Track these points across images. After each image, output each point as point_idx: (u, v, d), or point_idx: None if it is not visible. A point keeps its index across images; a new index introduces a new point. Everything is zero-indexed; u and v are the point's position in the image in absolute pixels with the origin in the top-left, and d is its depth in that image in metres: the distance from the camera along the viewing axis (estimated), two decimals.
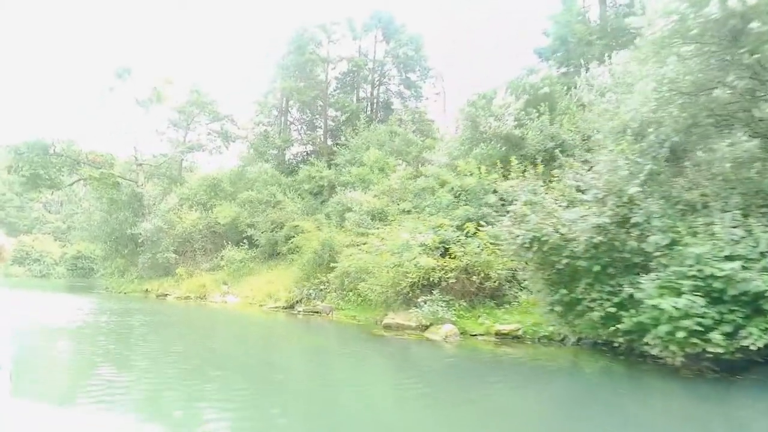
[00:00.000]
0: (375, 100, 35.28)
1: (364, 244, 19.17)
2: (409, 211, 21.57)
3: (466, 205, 16.66)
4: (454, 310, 13.57)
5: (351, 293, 18.24)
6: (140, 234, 28.79)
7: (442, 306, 13.28)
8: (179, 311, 20.50)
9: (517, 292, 14.34)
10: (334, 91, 35.97)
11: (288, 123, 36.31)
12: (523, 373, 9.43)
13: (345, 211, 23.33)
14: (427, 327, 13.29)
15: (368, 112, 34.54)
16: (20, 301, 23.66)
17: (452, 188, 18.52)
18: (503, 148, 18.79)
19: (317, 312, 18.60)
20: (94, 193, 32.39)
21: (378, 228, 19.71)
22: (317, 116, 36.28)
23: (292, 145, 36.30)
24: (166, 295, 26.34)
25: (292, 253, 25.15)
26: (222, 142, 37.92)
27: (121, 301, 23.74)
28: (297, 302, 20.54)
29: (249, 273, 26.11)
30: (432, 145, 26.64)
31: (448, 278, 13.79)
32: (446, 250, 14.88)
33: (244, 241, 26.75)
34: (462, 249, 14.13)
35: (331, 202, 24.91)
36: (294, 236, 25.44)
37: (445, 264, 14.07)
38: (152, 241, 28.44)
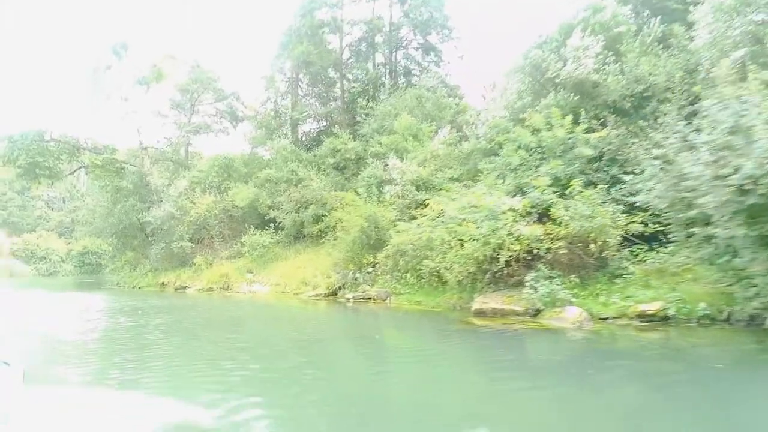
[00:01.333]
0: (394, 66, 31.65)
1: (416, 217, 15.97)
2: (457, 179, 18.35)
3: (551, 161, 13.34)
4: (567, 288, 10.35)
5: (409, 275, 15.01)
6: (150, 223, 25.36)
7: (557, 285, 10.05)
8: (206, 306, 17.23)
9: (624, 263, 11.17)
10: (348, 60, 32.29)
11: (300, 97, 32.63)
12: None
13: (381, 183, 20.03)
14: (537, 312, 10.08)
15: (387, 80, 30.93)
16: (28, 303, 20.39)
17: (520, 146, 15.16)
18: (575, 97, 15.47)
19: (369, 299, 15.38)
20: (98, 182, 28.81)
21: (429, 199, 16.52)
22: (331, 87, 32.63)
23: (305, 121, 32.70)
24: (185, 287, 23.05)
25: (323, 234, 21.90)
26: (229, 122, 34.28)
27: (137, 297, 20.45)
28: (340, 288, 17.31)
29: (274, 259, 22.83)
30: (467, 108, 23.25)
31: (557, 249, 10.54)
32: (543, 215, 11.64)
33: (270, 224, 23.41)
34: (567, 213, 10.86)
35: (363, 175, 21.55)
36: (324, 215, 22.15)
37: (551, 232, 10.82)
38: (164, 230, 25.03)
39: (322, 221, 22.15)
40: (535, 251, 10.76)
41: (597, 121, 14.51)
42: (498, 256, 11.01)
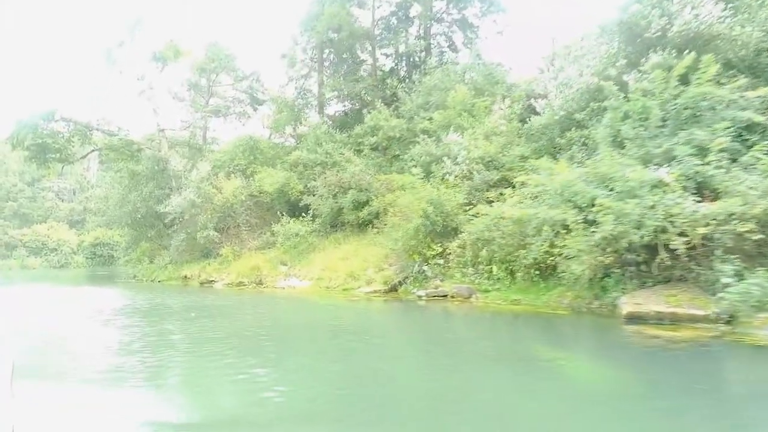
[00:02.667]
0: (428, 42, 28.42)
1: (492, 200, 13.08)
2: (526, 157, 15.39)
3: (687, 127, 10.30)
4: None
5: (495, 267, 12.03)
6: (170, 211, 22.33)
7: (761, 280, 7.07)
8: (245, 306, 14.23)
9: None
10: (378, 35, 29.08)
11: (326, 77, 29.45)
12: None
13: (437, 162, 17.02)
14: (730, 318, 7.12)
15: (423, 56, 27.79)
16: (37, 300, 17.46)
17: (624, 114, 12.12)
18: (690, 53, 12.42)
19: (445, 296, 12.42)
20: (112, 167, 25.75)
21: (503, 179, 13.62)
22: (359, 66, 29.46)
23: (329, 103, 29.60)
24: (212, 281, 20.08)
25: (367, 222, 18.98)
26: (249, 104, 31.17)
27: (159, 293, 17.52)
28: (400, 284, 14.36)
29: (309, 249, 19.86)
30: (527, 80, 20.16)
31: (743, 234, 7.55)
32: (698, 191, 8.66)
33: (302, 212, 20.44)
34: (753, 187, 7.86)
35: (412, 154, 18.54)
36: (367, 201, 19.19)
37: (733, 212, 7.82)
38: (186, 219, 22.05)
39: (366, 208, 19.19)
40: (710, 236, 7.76)
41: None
42: (658, 242, 8.02)
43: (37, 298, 18.29)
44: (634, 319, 7.94)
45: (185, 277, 21.57)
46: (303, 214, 20.39)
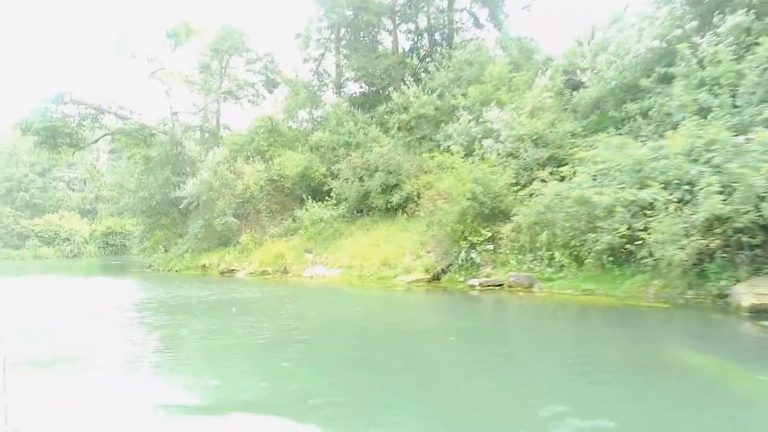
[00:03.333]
0: (450, 18, 26.72)
1: (544, 179, 11.72)
2: (577, 133, 14.01)
3: None
4: None
5: (558, 253, 10.65)
6: (186, 197, 21.02)
7: None
8: (281, 298, 12.86)
9: None
10: (398, 11, 27.37)
11: (344, 55, 27.83)
12: None
13: (475, 140, 15.57)
14: None
15: (444, 33, 26.15)
16: (50, 293, 16.27)
17: (700, 80, 10.64)
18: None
19: (500, 285, 11.07)
20: (124, 152, 24.40)
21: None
22: (377, 45, 27.84)
23: (345, 84, 28.06)
24: (233, 270, 18.84)
25: (398, 206, 17.65)
26: (264, 86, 29.66)
27: (180, 284, 16.29)
28: (443, 272, 13.02)
29: (335, 236, 18.55)
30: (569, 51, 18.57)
31: None
32: None
33: (329, 196, 19.09)
34: None
35: (447, 132, 17.12)
36: (396, 184, 17.84)
37: None
38: (203, 205, 20.71)
39: (395, 191, 17.84)
40: None
41: None
42: None
43: (51, 291, 17.12)
44: (760, 312, 6.56)
45: (204, 266, 20.34)
46: (326, 199, 19.02)
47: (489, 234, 12.27)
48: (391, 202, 18.26)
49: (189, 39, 25.56)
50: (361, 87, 28.65)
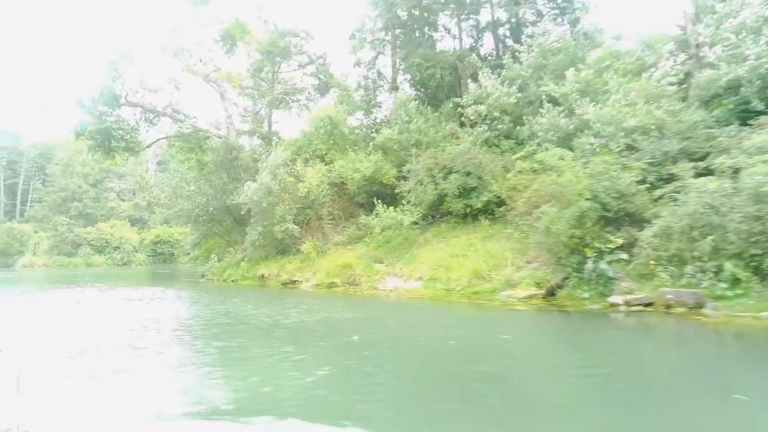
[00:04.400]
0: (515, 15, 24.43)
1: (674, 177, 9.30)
2: (705, 124, 11.48)
3: None
4: None
5: (730, 264, 8.18)
6: (244, 203, 19.36)
7: None
8: (373, 315, 10.81)
9: None
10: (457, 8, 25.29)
11: (402, 57, 25.88)
12: None
13: (566, 136, 13.25)
14: None
15: (514, 23, 23.89)
16: (111, 307, 14.77)
17: None
18: None
19: (648, 304, 8.66)
20: (177, 156, 23.12)
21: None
22: (435, 41, 25.80)
23: (405, 81, 26.06)
24: (295, 281, 17.01)
25: (479, 212, 15.47)
26: (318, 90, 28.05)
27: (244, 297, 14.55)
28: (558, 286, 10.69)
29: (406, 245, 16.51)
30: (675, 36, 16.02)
31: None
32: None
33: (399, 199, 17.07)
34: None
35: (535, 126, 14.85)
36: (475, 187, 15.66)
37: None
38: (262, 210, 19.00)
39: (474, 193, 15.68)
40: None
41: None
42: None
43: (109, 305, 15.68)
44: None
45: (262, 276, 18.60)
46: (401, 204, 17.00)
47: (620, 241, 9.89)
48: (470, 207, 16.13)
49: (243, 39, 24.26)
50: (417, 89, 26.69)
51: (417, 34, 26.29)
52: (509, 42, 23.95)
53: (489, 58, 24.91)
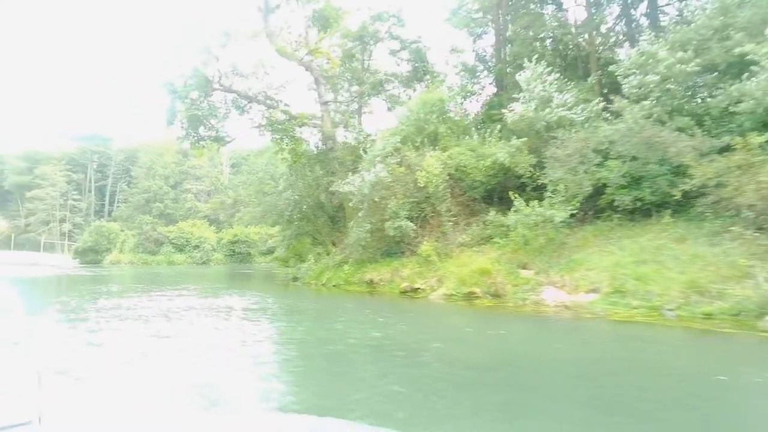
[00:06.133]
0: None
1: None
2: None
3: None
4: None
5: None
6: (351, 195, 16.48)
7: None
8: (638, 355, 7.41)
9: None
10: None
11: (511, 33, 22.28)
12: None
13: None
14: None
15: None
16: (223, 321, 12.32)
17: None
18: None
19: None
20: (273, 147, 20.74)
21: None
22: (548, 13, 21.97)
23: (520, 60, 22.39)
24: (416, 289, 13.86)
25: (661, 205, 11.71)
26: (413, 76, 25.01)
27: (372, 309, 11.77)
28: None
29: (554, 247, 12.93)
30: None
31: None
32: None
33: (544, 193, 13.53)
34: None
35: (736, 91, 10.86)
36: (642, 175, 11.89)
37: None
38: (372, 206, 16.06)
39: (651, 183, 11.89)
40: None
41: None
42: None
43: (224, 325, 13.23)
44: None
45: (371, 281, 15.63)
46: (527, 198, 13.46)
47: None
48: (640, 200, 12.36)
49: (338, 21, 21.61)
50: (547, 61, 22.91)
51: (531, 6, 22.67)
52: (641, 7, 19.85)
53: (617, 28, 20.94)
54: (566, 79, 17.02)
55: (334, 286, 16.89)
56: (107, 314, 10.94)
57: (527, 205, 13.10)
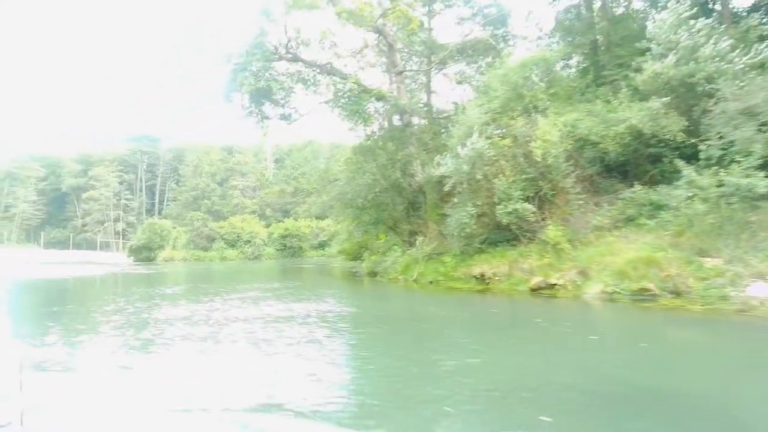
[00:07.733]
0: None
1: None
2: None
3: None
4: None
5: None
6: (449, 174, 13.54)
7: None
8: None
9: None
10: None
11: None
12: None
13: None
14: None
15: None
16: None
17: None
18: None
19: None
20: (346, 122, 18.04)
21: None
22: None
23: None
24: (554, 285, 10.83)
25: None
26: (492, 42, 21.73)
27: (552, 321, 8.74)
28: None
29: (732, 227, 9.58)
30: None
31: None
32: None
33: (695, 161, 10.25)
34: None
35: None
36: None
37: None
38: (474, 186, 13.07)
39: None
40: None
41: None
42: None
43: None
44: None
45: (481, 276, 12.67)
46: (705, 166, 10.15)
47: None
48: None
49: None
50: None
51: None
52: None
53: None
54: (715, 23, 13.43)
55: (430, 282, 14.06)
56: (223, 331, 8.51)
57: (712, 175, 9.82)
